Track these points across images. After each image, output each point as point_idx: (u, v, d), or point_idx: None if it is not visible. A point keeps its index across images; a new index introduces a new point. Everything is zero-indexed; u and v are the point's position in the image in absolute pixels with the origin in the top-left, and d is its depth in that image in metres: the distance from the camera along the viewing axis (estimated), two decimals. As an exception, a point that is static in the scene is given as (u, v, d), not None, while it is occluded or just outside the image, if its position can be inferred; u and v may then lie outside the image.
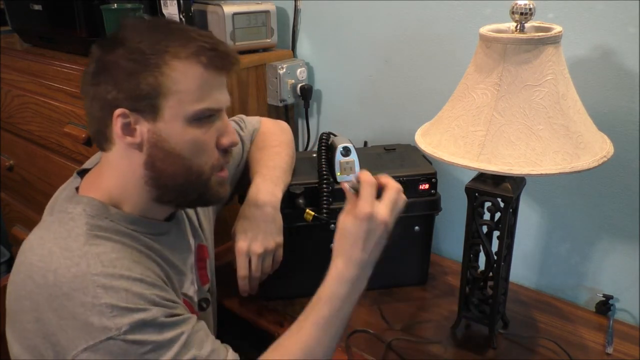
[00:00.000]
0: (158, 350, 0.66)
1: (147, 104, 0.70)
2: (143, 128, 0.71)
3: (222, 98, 0.76)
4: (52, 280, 0.66)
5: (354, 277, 0.74)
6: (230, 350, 0.75)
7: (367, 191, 0.73)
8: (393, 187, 0.75)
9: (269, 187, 0.95)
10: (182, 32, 0.72)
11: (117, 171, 0.75)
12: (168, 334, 0.67)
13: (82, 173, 0.82)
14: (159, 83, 0.69)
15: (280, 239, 0.94)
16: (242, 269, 0.92)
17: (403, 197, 0.77)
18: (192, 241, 0.91)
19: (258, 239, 0.92)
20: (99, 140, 0.76)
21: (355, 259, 0.74)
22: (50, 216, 0.76)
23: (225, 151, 0.78)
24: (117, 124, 0.71)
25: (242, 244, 0.92)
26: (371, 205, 0.73)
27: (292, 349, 0.73)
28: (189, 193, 0.77)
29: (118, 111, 0.70)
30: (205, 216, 0.99)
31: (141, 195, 0.76)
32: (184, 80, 0.70)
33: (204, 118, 0.73)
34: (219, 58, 0.73)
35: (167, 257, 0.80)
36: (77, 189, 0.78)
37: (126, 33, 0.72)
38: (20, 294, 0.69)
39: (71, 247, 0.68)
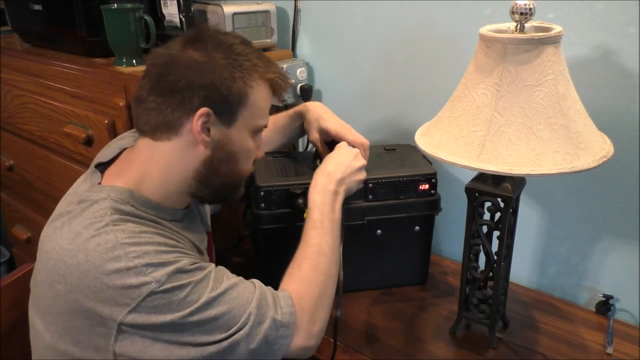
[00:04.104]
0: (196, 288, 0.71)
1: (229, 109, 0.78)
2: (217, 129, 0.78)
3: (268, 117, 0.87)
4: (83, 257, 0.69)
5: (325, 183, 0.91)
6: (254, 279, 0.81)
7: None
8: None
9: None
10: (262, 55, 0.82)
11: (164, 161, 0.78)
12: (200, 274, 0.73)
13: (100, 167, 0.84)
14: (246, 94, 0.78)
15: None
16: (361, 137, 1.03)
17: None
18: (202, 228, 0.95)
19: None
20: (159, 130, 0.78)
21: (325, 171, 0.93)
22: (69, 203, 0.77)
23: (254, 161, 0.88)
24: (197, 122, 0.75)
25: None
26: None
27: (305, 253, 0.86)
28: (224, 191, 0.85)
29: (203, 110, 0.75)
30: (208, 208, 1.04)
31: (179, 187, 0.80)
32: (260, 97, 0.81)
33: (259, 132, 0.85)
34: (283, 88, 0.85)
35: (188, 238, 0.84)
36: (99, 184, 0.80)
37: (221, 38, 0.79)
38: (53, 279, 0.71)
39: (97, 227, 0.71)
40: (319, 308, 0.81)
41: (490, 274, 0.95)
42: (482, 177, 0.90)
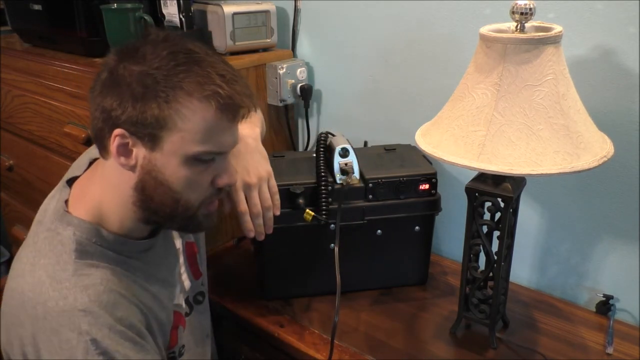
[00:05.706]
0: None
1: (149, 133, 0.68)
2: (139, 152, 0.70)
3: (228, 142, 0.73)
4: (42, 313, 0.67)
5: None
6: None
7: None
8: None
9: (245, 125, 0.88)
10: (201, 69, 0.68)
11: (108, 182, 0.75)
12: None
13: (70, 181, 0.81)
14: (166, 116, 0.67)
15: (269, 167, 0.90)
16: (240, 204, 0.86)
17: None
18: (179, 243, 0.92)
19: (249, 171, 0.87)
20: (98, 146, 0.74)
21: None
22: (39, 231, 0.75)
23: (219, 189, 0.77)
24: (114, 143, 0.69)
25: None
26: None
27: None
28: (175, 221, 0.76)
29: (117, 131, 0.68)
30: None
31: (127, 213, 0.75)
32: (192, 119, 0.68)
33: (203, 160, 0.72)
34: (232, 107, 0.70)
35: (154, 274, 0.81)
36: (66, 202, 0.77)
37: (147, 50, 0.68)
38: (14, 322, 0.70)
39: (60, 278, 0.69)
40: None
41: (490, 274, 0.95)
42: (482, 177, 0.90)
